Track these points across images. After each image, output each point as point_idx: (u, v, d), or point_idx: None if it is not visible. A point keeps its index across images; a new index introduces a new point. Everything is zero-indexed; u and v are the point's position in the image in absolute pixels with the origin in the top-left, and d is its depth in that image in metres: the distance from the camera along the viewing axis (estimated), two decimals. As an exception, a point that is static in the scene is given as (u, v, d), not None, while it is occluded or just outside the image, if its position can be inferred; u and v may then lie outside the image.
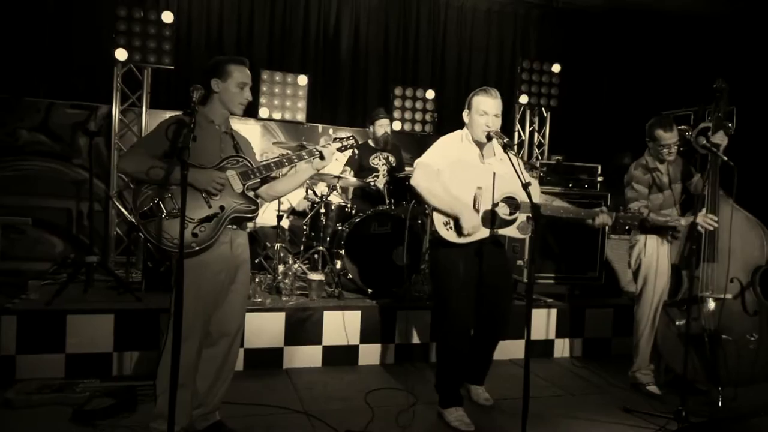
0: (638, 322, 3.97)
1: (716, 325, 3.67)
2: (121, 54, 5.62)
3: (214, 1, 6.71)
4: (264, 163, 2.88)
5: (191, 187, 2.62)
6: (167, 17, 5.79)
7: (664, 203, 3.87)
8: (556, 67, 7.08)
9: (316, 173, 3.05)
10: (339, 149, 3.03)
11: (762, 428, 3.45)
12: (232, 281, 2.84)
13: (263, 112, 6.32)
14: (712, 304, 3.69)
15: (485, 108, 3.27)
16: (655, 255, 3.86)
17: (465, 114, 3.39)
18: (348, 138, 3.08)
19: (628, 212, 3.37)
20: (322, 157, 2.93)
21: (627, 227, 3.43)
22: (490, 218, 3.23)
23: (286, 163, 2.92)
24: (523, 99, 7.02)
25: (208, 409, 2.91)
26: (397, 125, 6.78)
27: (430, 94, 6.99)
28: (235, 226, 2.83)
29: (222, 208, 2.73)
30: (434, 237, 3.36)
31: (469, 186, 3.23)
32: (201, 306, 2.69)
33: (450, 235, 3.23)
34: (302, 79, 6.46)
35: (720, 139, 3.73)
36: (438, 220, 3.23)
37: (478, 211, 3.21)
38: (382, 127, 5.37)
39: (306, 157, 2.93)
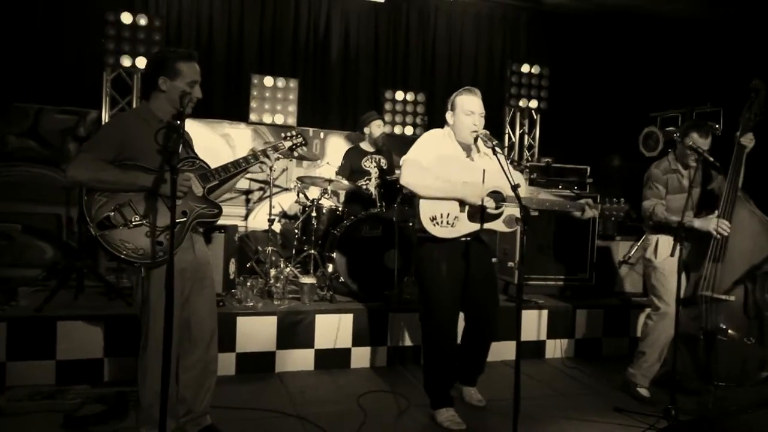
0: (651, 326, 3.84)
1: (714, 325, 3.63)
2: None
3: (204, 5, 6.70)
4: (221, 165, 2.79)
5: (151, 192, 2.54)
6: (157, 22, 5.79)
7: (682, 206, 3.69)
8: (545, 70, 7.15)
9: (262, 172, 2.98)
10: (290, 148, 2.98)
11: (750, 424, 3.48)
12: (200, 287, 2.79)
13: (254, 116, 6.32)
14: (713, 304, 3.65)
15: (471, 108, 3.26)
16: (668, 257, 3.68)
17: (449, 115, 3.36)
18: (296, 136, 3.03)
19: (613, 203, 3.34)
20: (266, 159, 2.86)
21: (612, 218, 3.42)
22: (479, 213, 3.24)
23: (243, 164, 2.82)
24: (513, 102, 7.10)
25: (198, 413, 2.89)
26: (387, 128, 6.81)
27: (421, 97, 7.03)
28: (198, 230, 2.76)
29: (185, 213, 2.64)
30: (418, 236, 3.35)
31: (455, 180, 3.22)
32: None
33: (437, 231, 3.21)
34: (293, 83, 6.48)
35: (748, 140, 3.67)
36: (424, 216, 3.20)
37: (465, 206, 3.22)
38: (379, 127, 5.38)
39: (261, 157, 2.86)
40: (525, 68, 7.12)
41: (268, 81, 6.40)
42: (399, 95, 6.99)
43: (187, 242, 2.69)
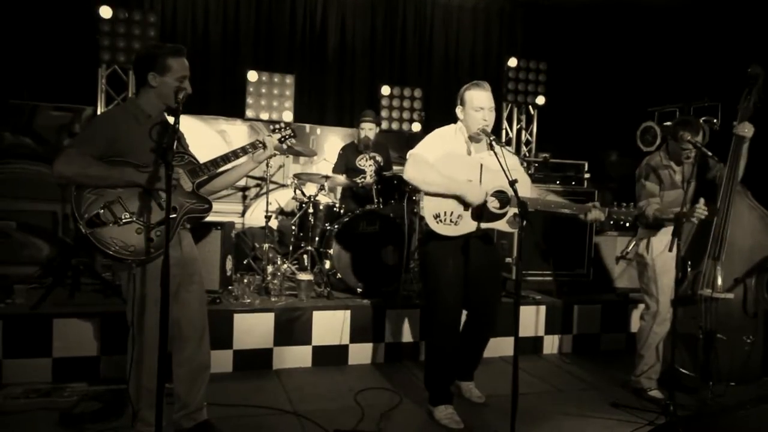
0: (643, 326, 3.78)
1: (713, 323, 3.58)
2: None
3: (200, 0, 6.67)
4: (210, 159, 2.77)
5: (140, 187, 2.52)
6: (152, 17, 5.76)
7: (675, 202, 3.65)
8: (542, 65, 7.13)
9: (257, 165, 2.91)
10: (279, 140, 2.95)
11: (747, 421, 3.48)
12: (189, 282, 2.78)
13: (250, 113, 6.29)
14: (711, 303, 3.59)
15: (480, 103, 3.23)
16: (663, 254, 3.65)
17: (459, 110, 3.32)
18: (285, 128, 2.99)
19: (621, 207, 3.28)
20: (264, 147, 2.83)
21: (621, 222, 3.37)
22: (480, 211, 3.22)
23: (232, 158, 2.80)
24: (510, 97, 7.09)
25: (192, 408, 2.88)
26: (384, 124, 6.80)
27: (418, 92, 7.01)
28: (186, 226, 2.75)
29: (175, 209, 2.63)
30: (424, 233, 3.34)
31: (459, 178, 3.19)
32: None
33: (441, 228, 3.18)
34: (289, 79, 6.45)
35: (744, 130, 3.52)
36: (428, 213, 3.17)
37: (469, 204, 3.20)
38: (363, 130, 5.36)
39: (250, 150, 2.83)
40: (522, 63, 7.10)
41: (265, 77, 6.37)
42: (396, 91, 6.97)
43: (175, 238, 2.67)
